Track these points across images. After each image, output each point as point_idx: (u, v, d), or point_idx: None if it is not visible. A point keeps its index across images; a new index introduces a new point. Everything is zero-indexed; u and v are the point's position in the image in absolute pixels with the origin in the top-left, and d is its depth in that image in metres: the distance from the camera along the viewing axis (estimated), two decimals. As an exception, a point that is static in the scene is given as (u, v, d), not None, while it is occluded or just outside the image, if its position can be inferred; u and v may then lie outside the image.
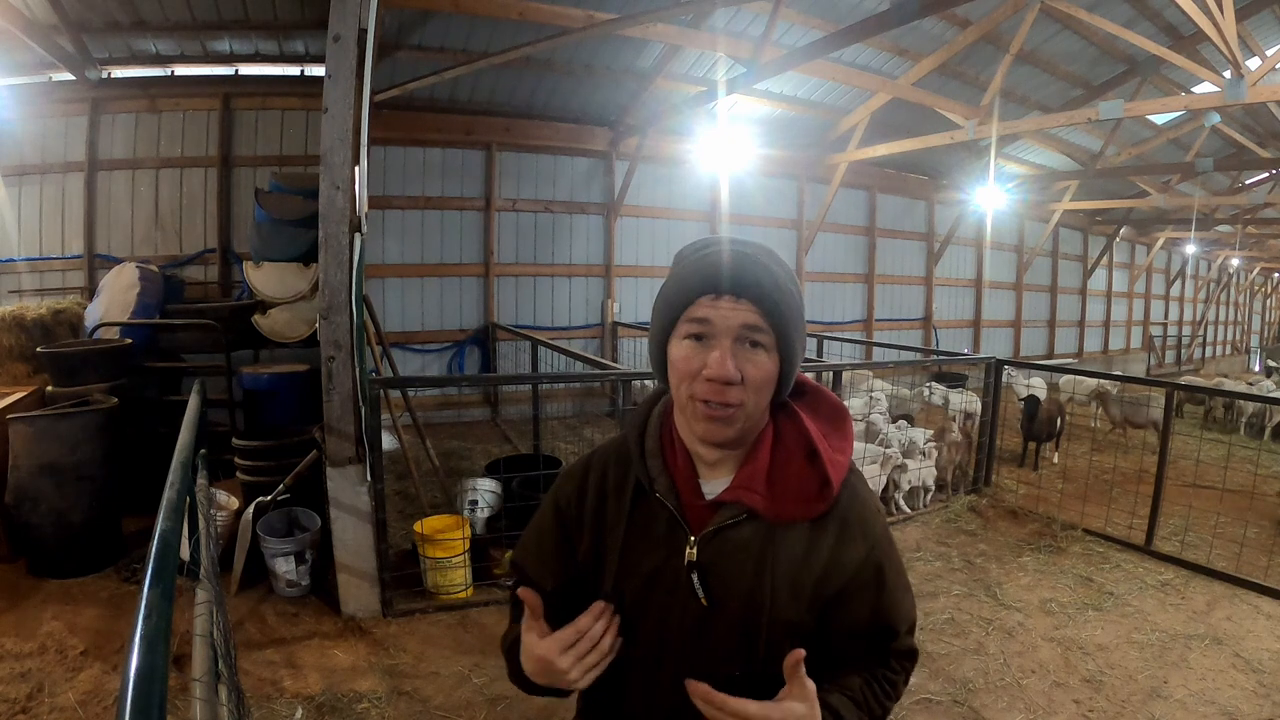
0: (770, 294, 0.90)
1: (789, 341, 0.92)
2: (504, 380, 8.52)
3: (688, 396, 0.92)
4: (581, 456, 1.14)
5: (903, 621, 1.00)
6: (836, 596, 0.95)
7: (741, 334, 0.90)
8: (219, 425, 5.09)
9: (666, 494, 0.98)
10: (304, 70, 7.22)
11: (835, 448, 0.97)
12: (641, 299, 9.44)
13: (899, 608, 0.99)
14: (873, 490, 1.06)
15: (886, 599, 0.97)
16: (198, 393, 3.41)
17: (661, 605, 0.97)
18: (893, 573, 0.99)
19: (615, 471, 1.05)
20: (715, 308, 0.90)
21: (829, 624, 0.96)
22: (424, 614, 3.59)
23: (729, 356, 0.89)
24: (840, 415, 1.01)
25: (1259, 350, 23.75)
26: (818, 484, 0.94)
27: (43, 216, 6.80)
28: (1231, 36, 5.52)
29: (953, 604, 3.80)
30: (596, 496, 1.05)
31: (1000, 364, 5.85)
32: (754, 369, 0.90)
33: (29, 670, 2.90)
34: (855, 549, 0.95)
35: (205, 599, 1.85)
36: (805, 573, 0.94)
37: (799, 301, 0.94)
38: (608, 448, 1.10)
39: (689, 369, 0.91)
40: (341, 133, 3.31)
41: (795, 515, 0.94)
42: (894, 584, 0.98)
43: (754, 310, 0.89)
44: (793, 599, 0.94)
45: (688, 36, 6.64)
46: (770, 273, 0.91)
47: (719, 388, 0.89)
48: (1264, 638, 3.49)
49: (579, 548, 1.05)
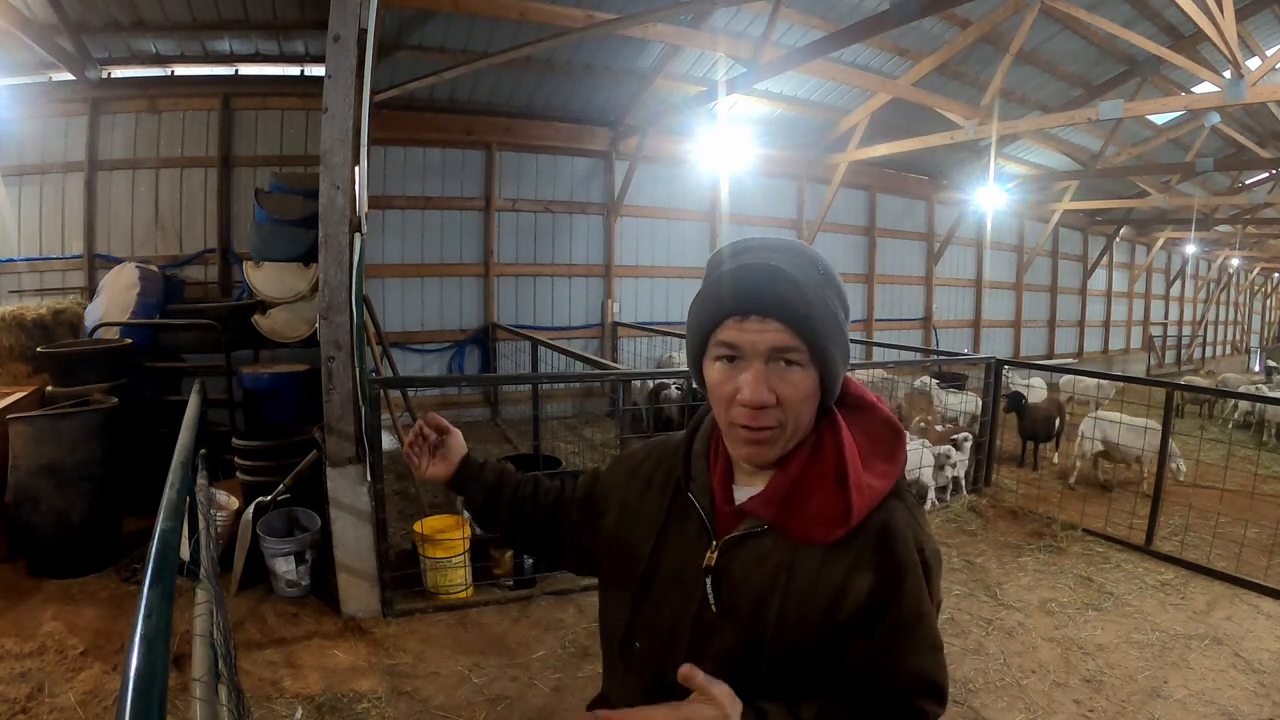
0: (798, 309, 0.86)
1: (824, 352, 0.88)
2: (504, 380, 8.52)
3: (728, 422, 0.92)
4: (653, 440, 1.19)
5: (906, 676, 0.88)
6: (844, 627, 0.88)
7: (772, 355, 0.87)
8: (219, 425, 5.09)
9: (700, 494, 0.99)
10: (304, 70, 7.22)
11: (877, 472, 0.92)
12: (641, 299, 9.45)
13: (906, 659, 0.87)
14: (921, 521, 0.94)
15: (890, 642, 0.87)
16: (198, 393, 3.41)
17: (676, 605, 0.97)
18: (907, 615, 0.87)
19: (668, 466, 1.08)
20: (742, 330, 0.87)
21: (835, 656, 0.89)
22: (424, 614, 3.59)
23: (761, 381, 0.86)
24: (893, 437, 0.96)
25: (1259, 350, 23.74)
26: (841, 508, 0.88)
27: (43, 216, 6.79)
28: (1231, 36, 5.52)
29: (953, 604, 3.80)
30: (645, 483, 1.09)
31: (1000, 364, 5.84)
32: (789, 389, 0.87)
33: (29, 670, 2.90)
34: (867, 578, 0.88)
35: (205, 599, 1.85)
36: (816, 596, 0.89)
37: (834, 307, 0.90)
38: (673, 441, 1.12)
39: (724, 394, 0.90)
40: (341, 133, 3.31)
41: (811, 536, 0.90)
42: (905, 628, 0.87)
43: (782, 329, 0.86)
44: (800, 621, 0.89)
45: (688, 36, 6.64)
46: (797, 286, 0.86)
47: (754, 413, 0.87)
48: (1264, 638, 3.49)
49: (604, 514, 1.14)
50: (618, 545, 1.08)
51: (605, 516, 1.14)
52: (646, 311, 9.49)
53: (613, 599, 1.08)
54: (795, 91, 8.86)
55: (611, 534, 1.11)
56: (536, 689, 3.00)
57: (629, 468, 1.15)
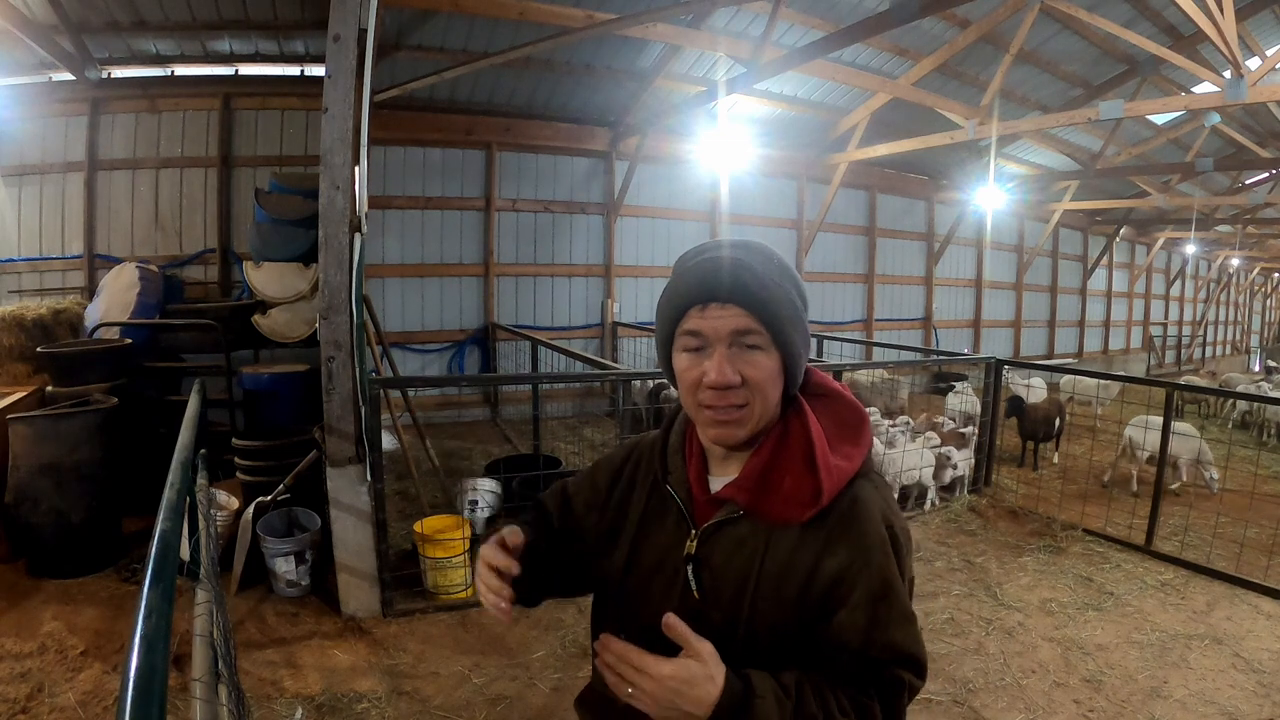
0: (756, 294, 0.91)
1: (784, 335, 0.92)
2: (504, 380, 8.52)
3: (696, 406, 0.96)
4: (629, 442, 1.20)
5: (882, 649, 0.90)
6: (819, 605, 0.91)
7: (734, 338, 0.91)
8: (219, 425, 5.09)
9: (677, 486, 1.03)
10: (304, 70, 7.22)
11: (844, 453, 0.96)
12: (641, 299, 9.45)
13: (880, 632, 0.90)
14: (888, 500, 0.98)
15: (863, 616, 0.89)
16: (198, 393, 3.41)
17: (659, 595, 1.00)
18: (878, 589, 0.90)
19: (646, 463, 1.11)
20: (704, 317, 0.92)
21: (814, 634, 0.92)
22: (424, 614, 3.59)
23: (725, 362, 0.91)
24: (858, 421, 1.00)
25: (1259, 350, 23.75)
26: (811, 489, 0.92)
27: (43, 216, 6.79)
28: (1231, 36, 5.52)
29: (953, 604, 3.80)
30: (628, 483, 1.11)
31: (1000, 364, 5.85)
32: (753, 369, 0.92)
33: (29, 670, 2.90)
34: (838, 557, 0.91)
35: (205, 599, 1.85)
36: (791, 575, 0.92)
37: (791, 295, 0.94)
38: (649, 440, 1.15)
39: (691, 379, 0.94)
40: (341, 133, 3.31)
41: (784, 517, 0.93)
42: (878, 603, 0.90)
43: (743, 313, 0.91)
44: (776, 601, 0.92)
45: (688, 36, 6.64)
46: (755, 273, 0.92)
47: (720, 393, 0.92)
48: (1264, 638, 3.49)
49: (594, 517, 1.13)
50: (603, 545, 1.11)
51: (585, 521, 1.15)
52: (647, 311, 9.49)
53: (600, 596, 1.12)
54: (795, 91, 8.86)
55: (596, 536, 1.13)
56: (536, 689, 3.00)
57: (608, 471, 1.16)
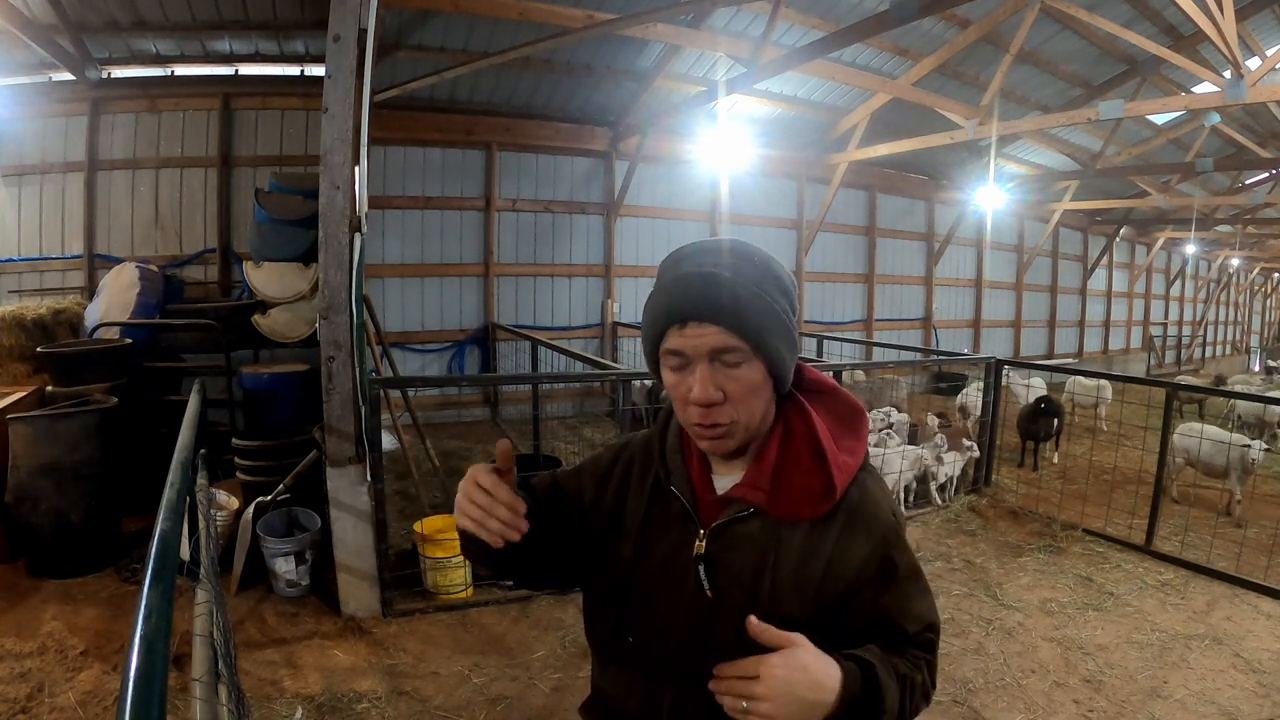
0: (728, 309, 0.91)
1: (763, 344, 0.92)
2: (504, 380, 8.52)
3: (687, 421, 0.98)
4: (614, 444, 1.19)
5: (913, 621, 0.97)
6: (843, 594, 0.95)
7: (714, 356, 0.92)
8: (219, 425, 5.09)
9: (681, 487, 1.03)
10: (304, 70, 7.22)
11: (846, 448, 0.99)
12: (641, 299, 9.11)
13: (910, 605, 0.97)
14: (887, 490, 1.05)
15: (895, 596, 0.96)
16: (198, 393, 3.41)
17: (669, 595, 1.00)
18: (903, 570, 0.97)
19: (641, 464, 1.11)
20: (683, 336, 0.93)
21: (839, 623, 0.95)
22: (424, 614, 3.59)
23: (707, 381, 0.92)
24: (856, 416, 1.03)
25: (1259, 350, 23.75)
26: (822, 484, 0.95)
27: (43, 216, 6.79)
28: (1231, 36, 5.52)
29: (953, 604, 3.80)
30: (620, 484, 1.10)
31: (1000, 364, 5.85)
32: (735, 385, 0.93)
33: (29, 670, 2.90)
34: (860, 545, 0.95)
35: (205, 599, 1.85)
36: (809, 569, 0.95)
37: (770, 300, 0.93)
38: (639, 440, 1.15)
39: (679, 396, 0.96)
40: (341, 133, 3.31)
41: (799, 514, 0.96)
42: (904, 582, 0.97)
43: (719, 331, 0.91)
44: (795, 595, 0.94)
45: (688, 36, 6.64)
46: (728, 288, 0.91)
47: (706, 411, 0.93)
48: (1264, 638, 3.49)
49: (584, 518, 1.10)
50: (599, 546, 1.09)
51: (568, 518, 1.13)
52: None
53: (598, 599, 1.10)
54: (795, 91, 8.86)
55: (593, 536, 1.10)
56: (536, 689, 3.00)
57: (596, 474, 1.14)
